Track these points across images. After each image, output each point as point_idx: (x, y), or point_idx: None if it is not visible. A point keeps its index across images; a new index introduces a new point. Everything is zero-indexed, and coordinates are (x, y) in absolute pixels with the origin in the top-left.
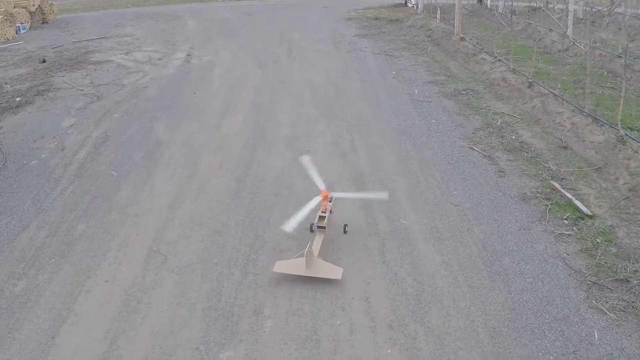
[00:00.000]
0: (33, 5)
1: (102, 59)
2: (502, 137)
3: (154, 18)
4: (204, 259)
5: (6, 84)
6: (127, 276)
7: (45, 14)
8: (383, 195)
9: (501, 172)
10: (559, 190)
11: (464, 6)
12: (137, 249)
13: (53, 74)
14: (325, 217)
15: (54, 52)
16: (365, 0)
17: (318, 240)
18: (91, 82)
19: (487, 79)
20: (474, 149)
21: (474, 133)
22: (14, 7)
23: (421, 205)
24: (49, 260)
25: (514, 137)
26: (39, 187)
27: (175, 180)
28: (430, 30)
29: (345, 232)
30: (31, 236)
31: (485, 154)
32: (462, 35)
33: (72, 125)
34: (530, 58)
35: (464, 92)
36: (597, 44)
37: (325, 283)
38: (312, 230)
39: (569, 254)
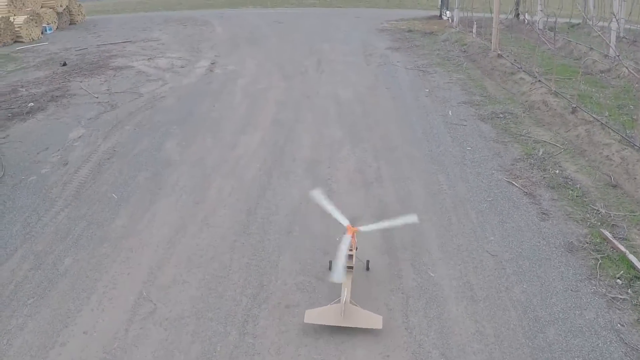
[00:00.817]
0: (61, 6)
1: (123, 65)
2: (544, 170)
3: (182, 23)
4: (197, 311)
5: (22, 87)
6: (108, 328)
7: (73, 15)
8: (412, 218)
9: (544, 214)
10: (610, 241)
11: (501, 21)
12: (125, 293)
13: (71, 79)
14: (353, 255)
15: (76, 55)
16: (399, 11)
17: (348, 283)
18: (108, 89)
19: (527, 101)
20: (513, 184)
21: (513, 164)
22: (41, 7)
23: (453, 254)
24: (27, 300)
25: (557, 171)
26: (32, 208)
27: (179, 209)
28: (465, 45)
29: (367, 269)
30: (13, 268)
31: (526, 190)
32: (499, 52)
33: (80, 137)
34: (570, 79)
35: (501, 115)
36: None
37: (336, 349)
38: (330, 269)
39: (623, 325)
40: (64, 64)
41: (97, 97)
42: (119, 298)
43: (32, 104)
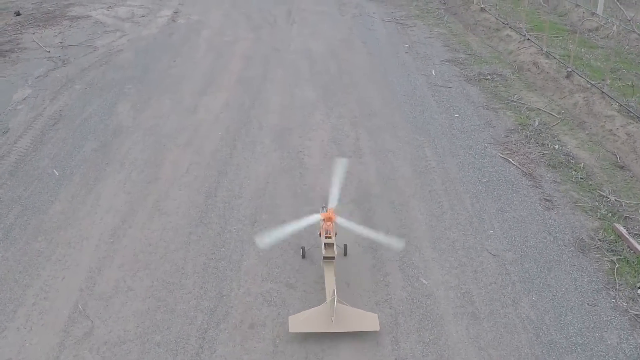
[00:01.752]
0: None
1: (81, 14)
2: (542, 145)
3: None
4: (142, 332)
5: None
6: (35, 355)
7: None
8: (398, 244)
9: (548, 200)
10: (626, 239)
11: None
12: (58, 304)
13: (24, 30)
14: (332, 244)
15: (33, 3)
16: None
17: (330, 277)
18: (61, 42)
19: (515, 61)
20: (510, 162)
21: (507, 136)
22: None
23: (448, 252)
24: None
25: (557, 146)
26: None
27: (128, 189)
28: None
29: (345, 254)
30: None
31: (524, 170)
32: (482, 6)
33: (25, 98)
34: (557, 37)
35: (489, 76)
36: (631, 25)
37: None
38: (303, 257)
39: None
40: (18, 14)
41: (48, 52)
42: (51, 312)
43: None
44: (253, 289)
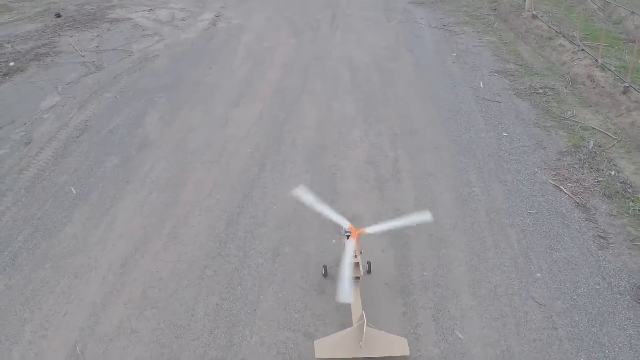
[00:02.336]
0: None
1: (121, 17)
2: (597, 170)
3: None
4: None
5: (8, 42)
6: None
7: None
8: (426, 217)
9: (602, 237)
10: None
11: None
12: (55, 345)
13: (62, 33)
14: (359, 263)
15: (75, 5)
16: None
17: (357, 298)
18: (97, 46)
19: (568, 73)
20: (561, 190)
21: (559, 160)
22: None
23: (489, 300)
24: None
25: (612, 172)
26: None
27: (145, 212)
28: (495, 2)
29: (369, 271)
30: None
31: (577, 200)
32: (534, 12)
33: (52, 106)
34: (613, 46)
35: (540, 90)
36: None
37: None
38: (325, 275)
39: None
40: (58, 15)
41: (83, 56)
42: (47, 353)
43: (12, 63)
44: (267, 337)
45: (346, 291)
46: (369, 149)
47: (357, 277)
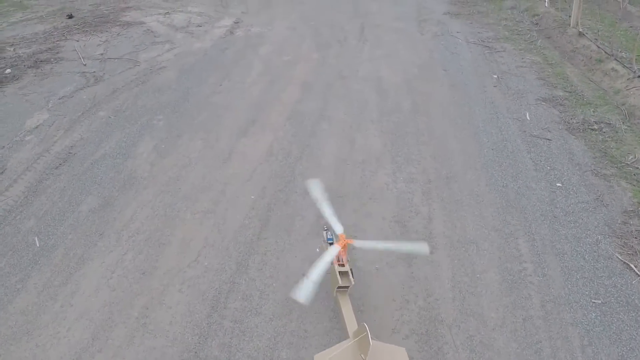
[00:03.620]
0: None
1: (134, 20)
2: None
3: None
4: None
5: (12, 45)
6: None
7: None
8: (423, 248)
9: None
10: None
11: None
12: None
13: (69, 36)
14: (347, 272)
15: (90, 5)
16: None
17: (347, 307)
18: (102, 54)
19: (624, 104)
20: (631, 268)
21: (624, 223)
22: None
23: None
24: None
25: None
26: None
27: (114, 283)
28: (537, 16)
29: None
30: None
31: None
32: (580, 29)
33: (38, 126)
34: None
35: (595, 126)
36: None
37: None
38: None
39: None
40: (70, 17)
41: (84, 65)
42: None
43: (9, 70)
44: None
45: (305, 291)
46: (396, 201)
47: (346, 287)
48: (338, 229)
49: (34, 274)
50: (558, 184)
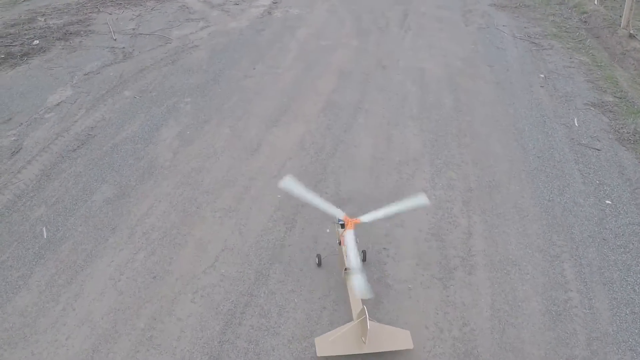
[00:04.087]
0: None
1: None
2: None
3: None
4: None
5: (43, 15)
6: None
7: None
8: (422, 199)
9: None
10: None
11: None
12: None
13: (103, 9)
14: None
15: None
16: None
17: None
18: (134, 29)
19: None
20: None
21: None
22: None
23: None
24: None
25: None
26: None
27: (122, 286)
28: (586, 13)
29: (364, 260)
30: None
31: None
32: (631, 31)
33: (59, 103)
34: None
35: None
36: None
37: None
38: (319, 265)
39: None
40: None
41: (115, 39)
42: None
43: (37, 41)
44: None
45: (363, 286)
46: (435, 210)
47: None
48: (339, 213)
49: (37, 270)
50: (607, 202)
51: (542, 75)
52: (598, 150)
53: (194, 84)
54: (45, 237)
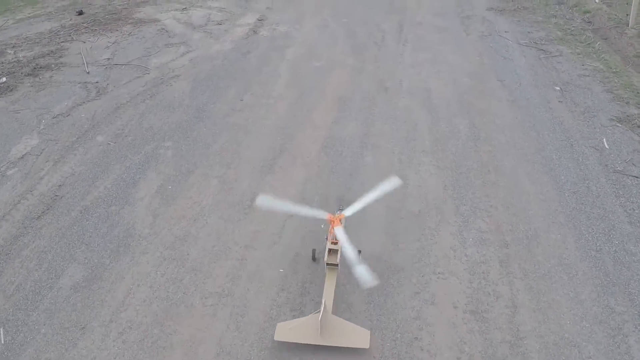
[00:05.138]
0: None
1: (149, 17)
2: None
3: None
4: None
5: (13, 47)
6: None
7: None
8: (395, 181)
9: None
10: None
11: None
12: None
13: (76, 36)
14: (337, 250)
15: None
16: None
17: (330, 285)
18: (109, 59)
19: None
20: None
21: None
22: None
23: None
24: None
25: None
26: None
27: None
28: (588, 13)
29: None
30: None
31: None
32: None
33: (24, 155)
34: None
35: None
36: None
37: None
38: (314, 259)
39: None
40: (80, 13)
41: (88, 72)
42: None
43: (4, 79)
44: None
45: (367, 275)
46: (468, 276)
47: (335, 265)
48: (322, 214)
49: None
50: None
51: (557, 88)
52: (637, 177)
53: (175, 123)
54: (2, 342)
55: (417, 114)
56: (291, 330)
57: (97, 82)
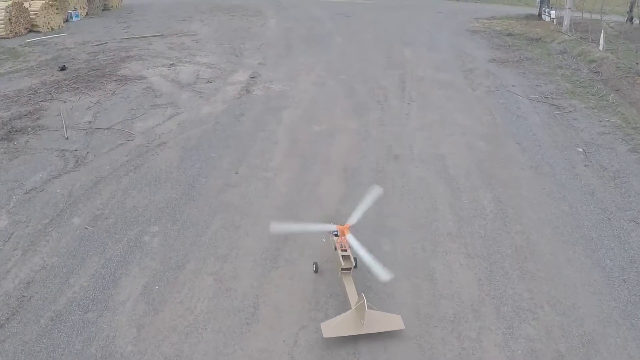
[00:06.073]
0: None
1: (134, 73)
2: None
3: (231, 12)
4: None
5: None
6: None
7: None
8: (377, 191)
9: None
10: None
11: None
12: None
13: (57, 95)
14: (349, 256)
15: (88, 54)
16: (487, 7)
17: (350, 285)
18: (90, 122)
19: None
20: None
21: None
22: None
23: None
24: None
25: None
26: None
27: None
28: (594, 62)
29: (356, 266)
30: None
31: None
32: None
33: None
34: None
35: None
36: None
37: None
38: (316, 271)
39: None
40: (63, 68)
41: (66, 138)
42: None
43: None
44: None
45: (382, 270)
46: None
47: (349, 269)
48: (331, 227)
49: None
50: None
51: (580, 150)
52: None
53: (162, 202)
54: None
55: (435, 187)
56: (336, 327)
57: (76, 150)
